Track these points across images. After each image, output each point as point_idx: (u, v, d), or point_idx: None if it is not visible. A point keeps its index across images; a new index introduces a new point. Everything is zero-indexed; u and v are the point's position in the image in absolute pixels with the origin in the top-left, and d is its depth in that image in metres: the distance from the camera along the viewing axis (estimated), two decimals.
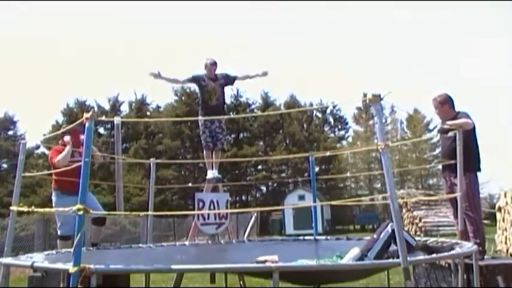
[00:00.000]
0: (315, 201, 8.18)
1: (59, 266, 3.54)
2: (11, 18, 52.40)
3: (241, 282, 5.66)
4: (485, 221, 7.42)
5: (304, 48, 53.59)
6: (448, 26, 50.46)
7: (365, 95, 3.72)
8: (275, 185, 39.72)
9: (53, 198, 5.72)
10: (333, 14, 54.41)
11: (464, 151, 4.80)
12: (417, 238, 4.96)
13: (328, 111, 43.39)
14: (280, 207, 26.94)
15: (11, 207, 4.21)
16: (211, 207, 6.04)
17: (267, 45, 55.09)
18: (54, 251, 5.01)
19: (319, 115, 44.07)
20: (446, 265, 4.82)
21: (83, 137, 4.23)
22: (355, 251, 4.25)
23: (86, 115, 3.17)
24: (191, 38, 55.89)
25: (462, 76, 48.31)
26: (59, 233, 5.64)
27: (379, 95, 3.26)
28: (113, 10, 54.17)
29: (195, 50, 53.32)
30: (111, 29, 55.64)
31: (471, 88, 41.83)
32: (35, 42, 53.25)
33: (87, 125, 3.15)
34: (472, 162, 5.03)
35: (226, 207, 6.26)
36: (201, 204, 6.01)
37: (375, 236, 4.35)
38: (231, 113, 41.25)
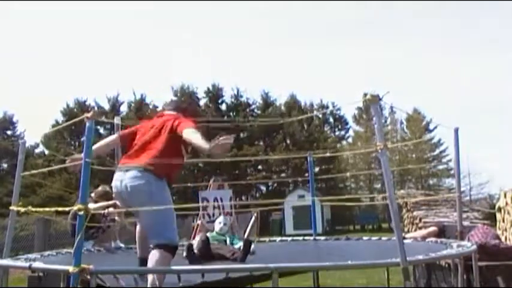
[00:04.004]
0: (313, 200, 8.17)
1: (59, 266, 3.53)
2: (10, 17, 52.43)
3: None
4: (485, 221, 7.44)
5: (304, 48, 53.61)
6: (447, 26, 50.49)
7: (365, 95, 3.72)
8: (275, 185, 39.67)
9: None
10: (333, 13, 54.45)
11: None
12: None
13: (329, 111, 43.31)
14: (280, 200, 27.02)
15: (11, 207, 4.17)
16: (215, 203, 6.17)
17: (267, 44, 55.12)
18: (54, 252, 5.00)
19: (320, 115, 43.98)
20: (446, 265, 4.82)
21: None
22: None
23: (87, 115, 3.15)
24: (191, 38, 55.93)
25: (463, 76, 48.37)
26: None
27: (378, 95, 3.25)
28: (113, 10, 54.18)
29: (194, 50, 53.45)
30: (111, 29, 55.68)
31: (471, 88, 41.92)
32: (34, 42, 53.29)
33: (87, 124, 3.13)
34: None
35: (230, 203, 6.38)
36: (205, 202, 6.13)
37: None
38: (231, 113, 41.31)
